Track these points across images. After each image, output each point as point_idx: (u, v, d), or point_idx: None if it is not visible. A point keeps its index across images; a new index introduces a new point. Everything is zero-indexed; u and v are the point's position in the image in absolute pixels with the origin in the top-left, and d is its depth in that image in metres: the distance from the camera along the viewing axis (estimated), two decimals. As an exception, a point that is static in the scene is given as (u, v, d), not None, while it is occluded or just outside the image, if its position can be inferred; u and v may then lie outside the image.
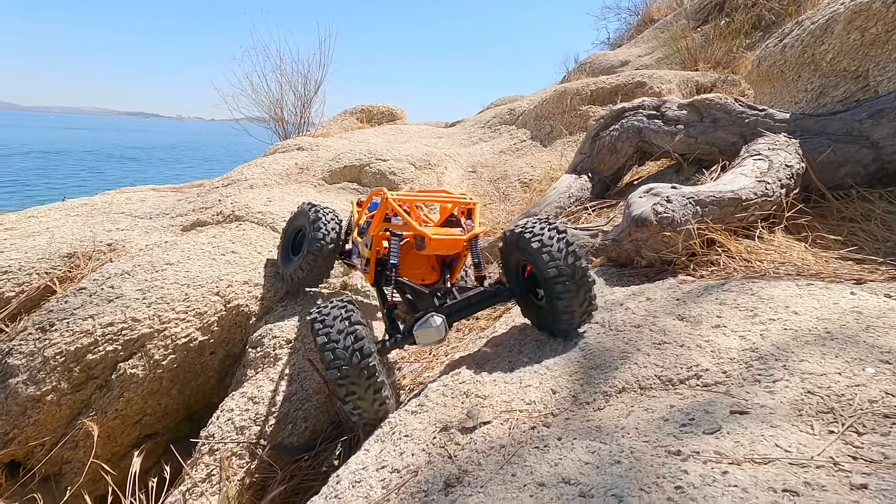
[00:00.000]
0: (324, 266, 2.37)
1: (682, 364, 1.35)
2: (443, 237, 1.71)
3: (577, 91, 5.76)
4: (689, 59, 7.17)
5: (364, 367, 1.46)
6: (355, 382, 1.47)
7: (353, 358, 1.45)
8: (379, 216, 1.82)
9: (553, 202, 3.37)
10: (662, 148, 3.38)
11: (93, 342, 1.95)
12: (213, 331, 2.20)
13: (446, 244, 1.72)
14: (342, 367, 1.44)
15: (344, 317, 1.51)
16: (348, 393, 1.48)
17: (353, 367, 1.45)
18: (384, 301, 1.79)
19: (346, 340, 1.46)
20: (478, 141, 6.34)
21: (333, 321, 1.49)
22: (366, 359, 1.47)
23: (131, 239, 2.68)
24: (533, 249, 1.62)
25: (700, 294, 1.78)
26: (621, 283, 2.28)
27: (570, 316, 1.63)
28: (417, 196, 1.91)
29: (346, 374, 1.45)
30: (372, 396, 1.51)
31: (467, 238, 1.77)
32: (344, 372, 1.44)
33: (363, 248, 2.02)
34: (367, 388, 1.49)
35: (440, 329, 1.61)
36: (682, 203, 2.31)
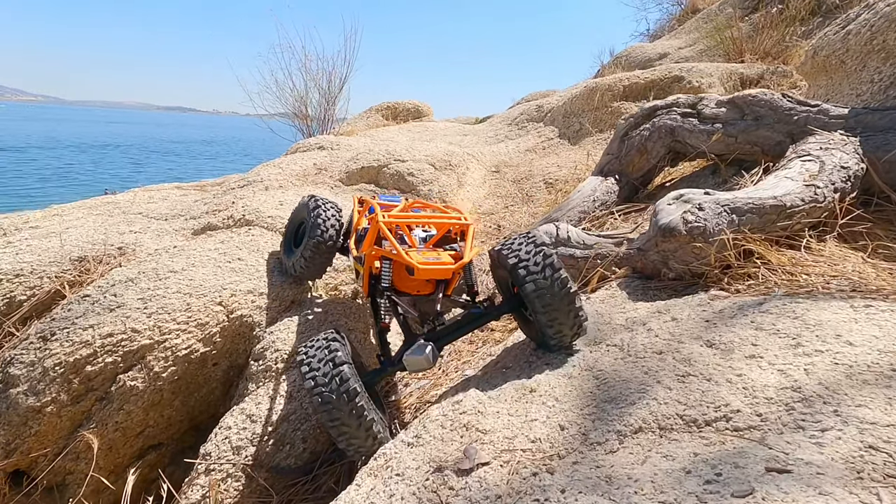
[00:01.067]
0: (323, 258, 2.36)
1: (708, 402, 1.18)
2: (431, 266, 1.66)
3: (608, 87, 5.52)
4: (734, 50, 6.79)
5: (352, 408, 1.47)
6: (346, 423, 1.47)
7: (339, 400, 1.45)
8: (370, 237, 1.79)
9: (576, 206, 3.19)
10: (698, 148, 3.15)
11: (92, 353, 1.90)
12: (216, 342, 2.13)
13: (435, 273, 1.68)
14: (332, 410, 1.45)
15: (328, 358, 1.50)
16: (340, 433, 1.49)
17: (340, 409, 1.45)
18: (377, 319, 1.76)
19: (332, 383, 1.46)
20: (503, 139, 6.17)
21: (319, 364, 1.50)
22: (352, 400, 1.47)
23: (142, 243, 2.64)
24: (510, 265, 1.60)
25: (733, 315, 1.60)
26: (646, 297, 2.11)
27: (559, 331, 1.61)
28: (410, 218, 1.85)
29: (336, 416, 1.46)
30: (364, 434, 1.51)
31: (457, 267, 1.72)
32: (333, 414, 1.46)
33: (357, 263, 1.98)
34: (357, 426, 1.49)
35: (429, 357, 1.60)
36: (715, 211, 2.12)
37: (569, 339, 1.66)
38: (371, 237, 1.79)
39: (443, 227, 1.88)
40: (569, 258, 2.61)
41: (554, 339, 1.64)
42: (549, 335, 1.62)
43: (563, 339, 1.65)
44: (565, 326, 1.60)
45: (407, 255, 1.65)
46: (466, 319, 1.76)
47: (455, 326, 1.75)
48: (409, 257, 1.65)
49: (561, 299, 1.56)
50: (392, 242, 1.68)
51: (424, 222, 1.89)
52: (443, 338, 1.71)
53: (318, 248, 2.28)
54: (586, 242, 2.62)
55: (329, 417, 1.45)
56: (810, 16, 6.88)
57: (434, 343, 1.64)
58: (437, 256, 1.75)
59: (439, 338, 1.70)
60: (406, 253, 1.67)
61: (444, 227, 1.88)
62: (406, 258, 1.64)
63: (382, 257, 1.77)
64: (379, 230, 1.75)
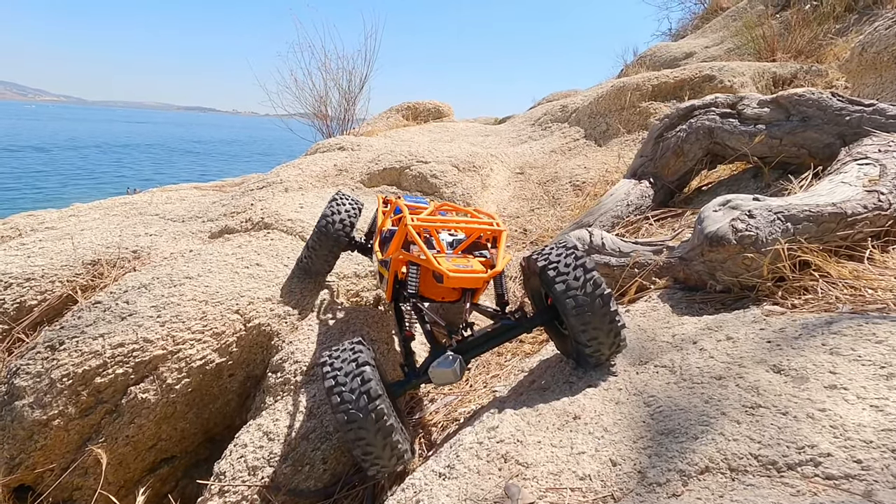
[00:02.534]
0: (327, 250, 2.25)
1: (788, 441, 1.03)
2: (461, 275, 1.55)
3: (636, 86, 5.34)
4: (765, 48, 6.55)
5: (372, 409, 1.36)
6: (363, 427, 1.35)
7: (360, 401, 1.35)
8: (398, 240, 1.69)
9: (609, 210, 3.03)
10: (738, 151, 2.98)
11: (101, 364, 1.80)
12: (232, 352, 2.02)
13: (466, 282, 1.57)
14: (349, 411, 1.35)
15: (352, 359, 1.43)
16: (357, 438, 1.37)
17: (360, 409, 1.35)
18: (401, 327, 1.71)
19: (352, 382, 1.38)
20: (527, 139, 6.01)
21: (342, 364, 1.41)
22: (373, 401, 1.37)
23: (157, 246, 2.55)
24: (549, 278, 1.51)
25: (797, 335, 1.44)
26: (691, 311, 1.95)
27: (598, 349, 1.52)
28: (440, 221, 1.73)
29: (353, 417, 1.35)
30: (382, 442, 1.39)
31: (489, 277, 1.60)
32: (351, 416, 1.35)
33: (381, 267, 1.90)
34: (375, 432, 1.37)
35: (456, 371, 1.52)
36: (767, 219, 1.95)
37: (606, 356, 1.56)
38: (398, 240, 1.69)
39: (474, 232, 1.77)
40: (603, 266, 2.46)
41: (592, 357, 1.54)
42: (587, 353, 1.53)
43: (601, 356, 1.55)
44: (604, 345, 1.51)
45: (437, 262, 1.54)
46: (497, 331, 1.66)
47: (484, 338, 1.65)
48: (439, 264, 1.54)
49: (602, 317, 1.46)
50: (421, 247, 1.57)
51: (455, 226, 1.78)
52: (471, 350, 1.63)
53: (321, 238, 2.21)
54: (622, 250, 2.47)
55: (355, 437, 1.36)
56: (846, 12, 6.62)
57: (462, 356, 1.56)
58: (468, 264, 1.64)
59: (467, 350, 1.61)
60: (436, 259, 1.57)
61: (475, 232, 1.76)
62: (436, 265, 1.53)
63: (409, 262, 1.68)
64: (406, 233, 1.65)
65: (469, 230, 1.78)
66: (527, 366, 1.99)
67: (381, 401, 1.37)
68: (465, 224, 1.77)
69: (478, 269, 1.60)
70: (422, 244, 1.57)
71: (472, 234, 1.77)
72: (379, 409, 1.36)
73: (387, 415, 1.38)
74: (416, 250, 1.67)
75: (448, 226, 1.77)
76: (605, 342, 1.51)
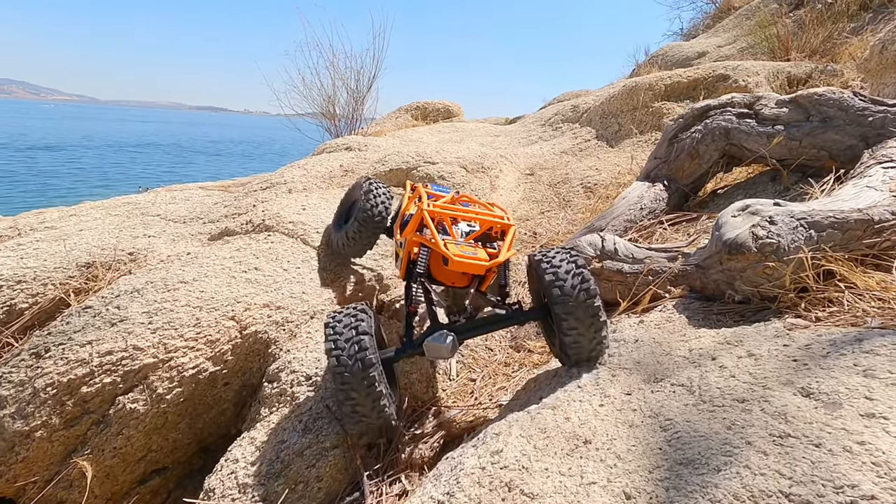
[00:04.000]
0: (366, 237, 2.41)
1: (823, 478, 0.93)
2: (465, 260, 1.67)
3: (649, 85, 5.21)
4: (779, 47, 6.40)
5: (364, 376, 1.51)
6: (355, 389, 1.52)
7: (355, 366, 1.51)
8: (414, 223, 1.82)
9: (622, 214, 2.92)
10: (756, 152, 2.86)
11: (88, 373, 1.73)
12: (227, 360, 1.94)
13: (469, 267, 1.69)
14: (344, 374, 1.50)
15: (353, 325, 1.56)
16: (348, 398, 1.53)
17: (353, 374, 1.51)
18: (408, 302, 1.84)
19: (350, 348, 1.52)
20: (537, 140, 5.91)
21: (343, 329, 1.55)
22: (367, 369, 1.51)
23: (155, 248, 2.48)
24: (541, 270, 1.64)
25: (826, 353, 1.33)
26: (709, 322, 1.84)
27: (577, 340, 1.62)
28: (454, 210, 1.89)
29: (347, 380, 1.51)
30: (371, 404, 1.55)
31: (491, 265, 1.71)
32: (345, 378, 1.51)
33: (398, 246, 2.03)
34: (366, 395, 1.53)
35: (449, 347, 1.64)
36: (790, 225, 1.84)
37: (586, 353, 1.66)
38: (414, 223, 1.82)
39: (485, 223, 1.90)
40: (616, 273, 2.36)
41: (572, 350, 1.64)
42: (567, 342, 1.62)
43: (580, 351, 1.65)
44: (584, 338, 1.61)
45: (444, 246, 1.67)
46: (492, 319, 1.79)
47: (479, 323, 1.77)
48: (446, 248, 1.67)
49: (585, 309, 1.57)
50: (431, 231, 1.71)
51: (468, 217, 1.91)
52: (466, 332, 1.75)
53: (362, 226, 2.35)
54: (636, 256, 2.36)
55: (346, 396, 1.51)
56: (860, 11, 6.47)
57: (456, 335, 1.68)
58: (475, 252, 1.76)
59: (462, 331, 1.73)
60: (444, 244, 1.69)
61: (486, 223, 1.90)
62: (442, 248, 1.66)
63: (421, 244, 1.81)
64: (422, 218, 1.79)
65: (481, 221, 1.89)
66: (535, 379, 1.90)
67: (373, 369, 1.52)
68: (477, 215, 1.89)
69: (481, 257, 1.71)
70: (433, 228, 1.71)
71: (484, 226, 1.89)
72: (371, 376, 1.51)
73: (377, 381, 1.53)
74: (427, 234, 1.78)
75: (462, 215, 1.90)
76: (586, 335, 1.60)
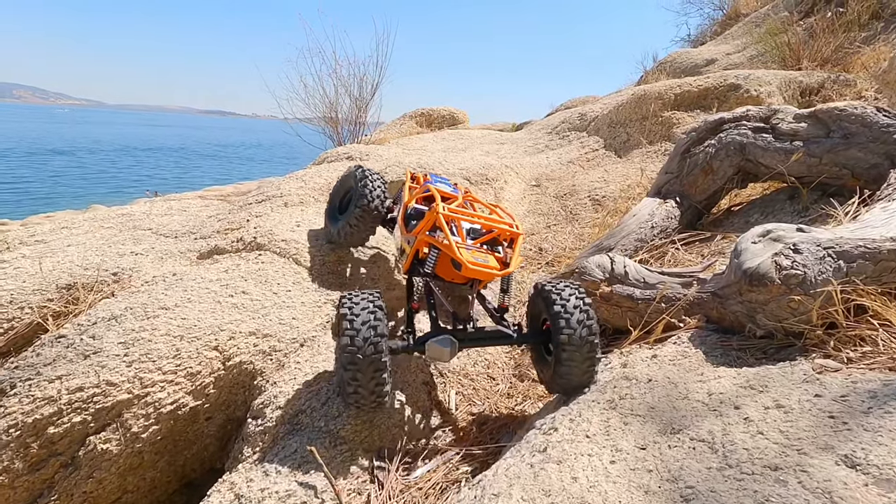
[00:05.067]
0: (367, 226, 2.46)
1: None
2: (478, 267, 1.73)
3: (658, 94, 5.09)
4: (790, 56, 6.25)
5: (373, 362, 1.56)
6: (361, 371, 1.56)
7: (367, 349, 1.55)
8: (425, 223, 1.88)
9: (631, 233, 2.79)
10: (773, 169, 2.73)
11: (56, 412, 1.61)
12: (209, 394, 1.82)
13: (481, 275, 1.77)
14: (355, 355, 1.54)
15: (371, 309, 1.61)
16: (353, 378, 1.57)
17: (365, 358, 1.55)
18: (409, 297, 1.95)
19: (366, 332, 1.56)
20: (544, 149, 5.78)
21: (360, 311, 1.59)
22: (377, 354, 1.56)
23: (141, 267, 2.37)
24: (553, 311, 1.72)
25: (868, 409, 1.20)
26: (728, 359, 1.71)
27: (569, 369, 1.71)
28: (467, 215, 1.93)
29: (356, 361, 1.55)
30: (371, 388, 1.60)
31: (501, 275, 1.80)
32: (356, 360, 1.55)
33: (404, 242, 2.07)
34: (369, 380, 1.58)
35: (450, 351, 1.74)
36: (816, 255, 1.71)
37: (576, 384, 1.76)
38: (426, 223, 1.87)
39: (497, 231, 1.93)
40: (627, 299, 2.22)
41: (563, 379, 1.74)
42: (560, 372, 1.72)
43: (571, 382, 1.74)
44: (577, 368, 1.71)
45: (459, 252, 1.73)
46: (493, 334, 1.87)
47: (481, 335, 1.86)
48: (461, 254, 1.73)
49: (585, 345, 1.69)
50: (447, 236, 1.76)
51: (480, 222, 1.94)
52: (467, 341, 1.82)
53: (363, 216, 2.39)
54: (647, 280, 2.23)
55: (352, 377, 1.55)
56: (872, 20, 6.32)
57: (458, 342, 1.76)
58: (486, 259, 1.81)
59: (464, 339, 1.80)
60: (458, 248, 1.75)
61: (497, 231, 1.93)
62: (457, 254, 1.72)
63: (432, 245, 1.86)
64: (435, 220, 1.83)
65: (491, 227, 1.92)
66: (538, 418, 1.77)
67: (384, 356, 1.57)
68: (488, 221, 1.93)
69: (492, 265, 1.78)
70: (448, 234, 1.76)
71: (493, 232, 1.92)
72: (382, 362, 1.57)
73: (384, 369, 1.59)
74: (440, 236, 1.83)
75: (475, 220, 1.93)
76: (580, 367, 1.70)
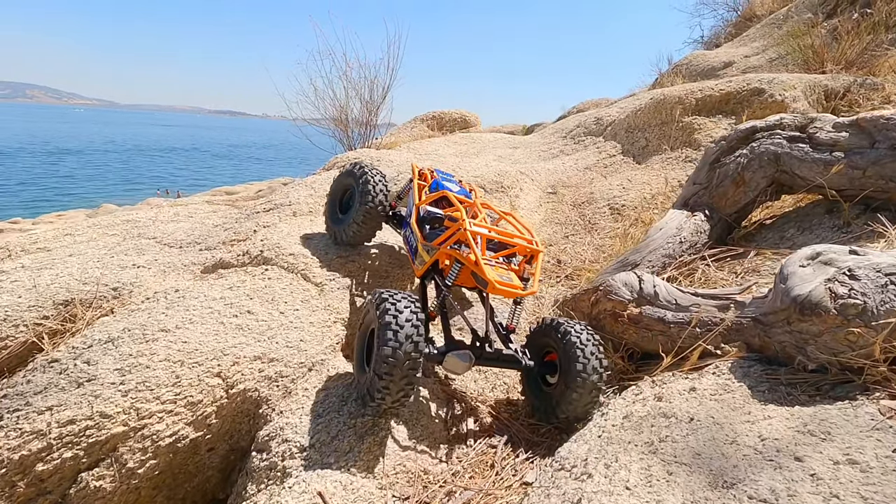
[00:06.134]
0: (374, 223, 2.48)
1: None
2: (505, 287, 1.78)
3: (678, 98, 4.92)
4: (813, 59, 6.05)
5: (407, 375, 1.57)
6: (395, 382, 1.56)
7: (405, 364, 1.55)
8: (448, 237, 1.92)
9: (659, 247, 2.63)
10: (811, 181, 2.56)
11: (45, 447, 1.49)
12: (210, 424, 1.69)
13: (506, 293, 1.82)
14: (394, 368, 1.54)
15: (414, 309, 1.61)
16: (385, 385, 1.56)
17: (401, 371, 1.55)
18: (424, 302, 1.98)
19: (409, 329, 1.56)
20: (558, 154, 5.62)
21: (405, 322, 1.57)
22: (414, 370, 1.58)
23: (142, 282, 2.25)
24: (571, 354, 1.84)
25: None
26: (776, 396, 1.55)
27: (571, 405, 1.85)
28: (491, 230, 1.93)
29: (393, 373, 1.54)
30: (396, 395, 1.60)
31: (525, 294, 1.86)
32: (393, 371, 1.54)
33: (423, 250, 2.08)
34: (398, 390, 1.59)
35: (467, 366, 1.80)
36: (876, 282, 1.55)
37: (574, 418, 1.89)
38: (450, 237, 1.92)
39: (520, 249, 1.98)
40: (657, 322, 2.07)
41: (562, 413, 1.88)
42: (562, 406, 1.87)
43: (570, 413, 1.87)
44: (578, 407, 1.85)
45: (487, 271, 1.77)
46: (505, 358, 1.94)
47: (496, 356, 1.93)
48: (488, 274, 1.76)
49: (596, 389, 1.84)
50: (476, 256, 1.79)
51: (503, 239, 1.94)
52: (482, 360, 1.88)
53: (369, 214, 2.40)
54: (679, 302, 2.08)
55: (387, 370, 1.53)
56: (900, 21, 6.11)
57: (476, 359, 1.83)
58: (510, 277, 1.88)
59: (480, 357, 1.86)
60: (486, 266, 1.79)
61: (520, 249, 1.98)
62: (486, 274, 1.76)
63: (455, 261, 1.91)
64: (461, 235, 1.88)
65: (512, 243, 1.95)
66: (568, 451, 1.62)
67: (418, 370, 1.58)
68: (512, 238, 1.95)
69: (516, 284, 1.85)
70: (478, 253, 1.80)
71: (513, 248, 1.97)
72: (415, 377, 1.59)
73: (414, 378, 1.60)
74: (465, 252, 1.88)
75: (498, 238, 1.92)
76: (586, 398, 1.83)
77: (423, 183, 2.49)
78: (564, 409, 1.85)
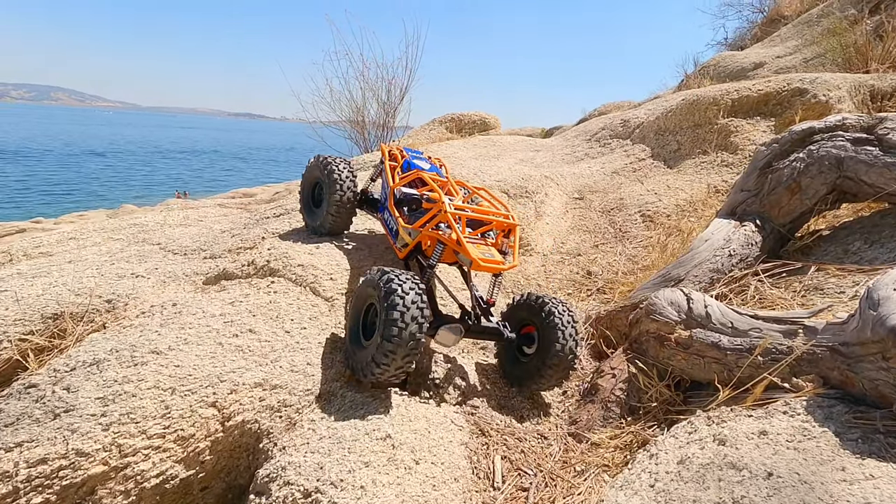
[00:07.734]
0: (348, 211, 2.50)
1: None
2: (488, 263, 1.85)
3: (713, 100, 4.63)
4: (856, 58, 5.71)
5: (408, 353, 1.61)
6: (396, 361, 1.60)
7: (409, 344, 1.59)
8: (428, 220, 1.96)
9: (705, 261, 2.37)
10: (881, 188, 2.28)
11: (11, 491, 1.29)
12: (204, 461, 1.48)
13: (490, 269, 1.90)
14: (398, 348, 1.57)
15: (418, 291, 1.64)
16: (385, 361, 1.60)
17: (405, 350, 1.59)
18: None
19: (414, 310, 1.59)
20: (583, 157, 5.36)
21: (410, 304, 1.59)
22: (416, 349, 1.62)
23: (139, 293, 2.06)
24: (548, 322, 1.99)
25: None
26: (873, 446, 1.30)
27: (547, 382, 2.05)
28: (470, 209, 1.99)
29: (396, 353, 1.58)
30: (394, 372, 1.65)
31: (507, 269, 1.94)
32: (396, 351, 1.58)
33: (404, 233, 2.11)
34: (397, 367, 1.63)
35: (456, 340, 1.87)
36: None
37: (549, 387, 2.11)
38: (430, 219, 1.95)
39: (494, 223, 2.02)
40: (711, 348, 1.81)
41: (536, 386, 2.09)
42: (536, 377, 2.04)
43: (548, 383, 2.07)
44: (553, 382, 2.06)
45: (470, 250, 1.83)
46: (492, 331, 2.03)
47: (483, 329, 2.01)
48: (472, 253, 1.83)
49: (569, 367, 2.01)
50: (459, 238, 1.86)
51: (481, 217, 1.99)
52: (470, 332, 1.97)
53: (340, 204, 2.44)
54: (736, 325, 1.82)
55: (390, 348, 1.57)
56: (950, 18, 5.74)
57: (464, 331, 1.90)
58: (491, 253, 1.93)
59: (468, 329, 1.94)
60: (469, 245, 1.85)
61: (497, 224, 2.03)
62: (469, 253, 1.82)
63: (438, 242, 1.93)
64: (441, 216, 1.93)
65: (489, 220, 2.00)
66: (610, 497, 1.38)
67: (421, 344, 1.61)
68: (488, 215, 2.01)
69: (498, 259, 1.92)
70: (459, 234, 1.86)
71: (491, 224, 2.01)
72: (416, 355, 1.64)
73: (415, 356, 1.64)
74: (448, 233, 1.92)
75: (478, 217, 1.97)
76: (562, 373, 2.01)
77: (394, 164, 2.52)
78: (538, 382, 2.04)
